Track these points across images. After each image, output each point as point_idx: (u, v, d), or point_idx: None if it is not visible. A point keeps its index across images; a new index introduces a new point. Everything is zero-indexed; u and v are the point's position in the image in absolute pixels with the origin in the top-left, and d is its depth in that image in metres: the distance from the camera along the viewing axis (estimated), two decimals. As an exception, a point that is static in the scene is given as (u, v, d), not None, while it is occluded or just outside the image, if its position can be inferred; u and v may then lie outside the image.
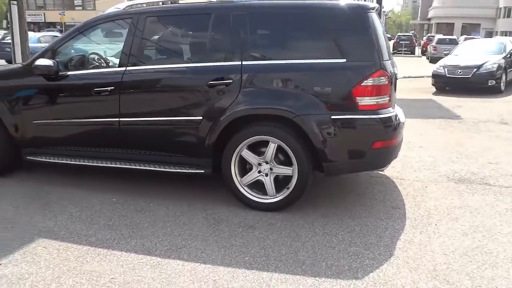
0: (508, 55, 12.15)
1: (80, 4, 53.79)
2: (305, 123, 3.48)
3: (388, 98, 3.57)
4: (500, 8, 53.91)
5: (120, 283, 2.68)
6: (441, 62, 12.41)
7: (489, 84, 11.10)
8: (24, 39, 7.71)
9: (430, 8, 58.89)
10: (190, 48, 4.05)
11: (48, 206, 3.83)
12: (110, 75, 4.05)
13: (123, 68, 3.92)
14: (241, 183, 3.75)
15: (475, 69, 11.18)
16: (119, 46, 4.90)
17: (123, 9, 4.17)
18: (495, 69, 11.20)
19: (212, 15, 3.79)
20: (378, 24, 3.62)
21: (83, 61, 4.42)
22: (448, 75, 11.69)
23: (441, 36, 26.38)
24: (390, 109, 3.62)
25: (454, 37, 27.53)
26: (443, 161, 5.31)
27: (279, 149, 3.61)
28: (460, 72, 11.48)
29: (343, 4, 3.64)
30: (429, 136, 6.66)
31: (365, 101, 3.46)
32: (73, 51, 4.41)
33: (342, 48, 3.51)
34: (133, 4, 4.26)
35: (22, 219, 3.59)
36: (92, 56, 4.52)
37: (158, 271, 2.82)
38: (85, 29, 4.20)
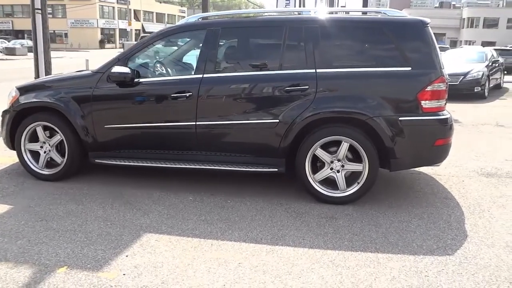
0: (490, 63, 13.09)
1: (50, 12, 52.92)
2: (377, 124, 3.91)
3: (445, 101, 4.07)
4: (464, 18, 57.16)
5: (250, 267, 3.01)
6: (428, 70, 13.19)
7: (475, 90, 11.92)
8: (47, 48, 7.84)
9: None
10: (267, 57, 4.39)
11: (132, 206, 4.08)
12: (188, 81, 4.34)
13: (200, 75, 4.24)
14: (314, 180, 4.14)
15: (462, 77, 11.97)
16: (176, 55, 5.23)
17: (197, 20, 4.50)
18: (480, 76, 12.04)
19: (286, 27, 4.18)
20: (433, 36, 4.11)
21: (150, 69, 4.70)
22: (436, 82, 12.53)
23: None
24: (446, 111, 4.10)
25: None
26: (464, 159, 5.86)
27: (349, 147, 4.03)
28: (448, 79, 12.30)
29: (406, 19, 4.13)
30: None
31: (428, 104, 3.94)
32: (140, 59, 4.66)
33: (407, 57, 3.97)
34: (207, 16, 4.59)
35: (115, 217, 3.84)
36: (157, 64, 4.80)
37: (277, 256, 3.16)
38: (160, 38, 4.50)
